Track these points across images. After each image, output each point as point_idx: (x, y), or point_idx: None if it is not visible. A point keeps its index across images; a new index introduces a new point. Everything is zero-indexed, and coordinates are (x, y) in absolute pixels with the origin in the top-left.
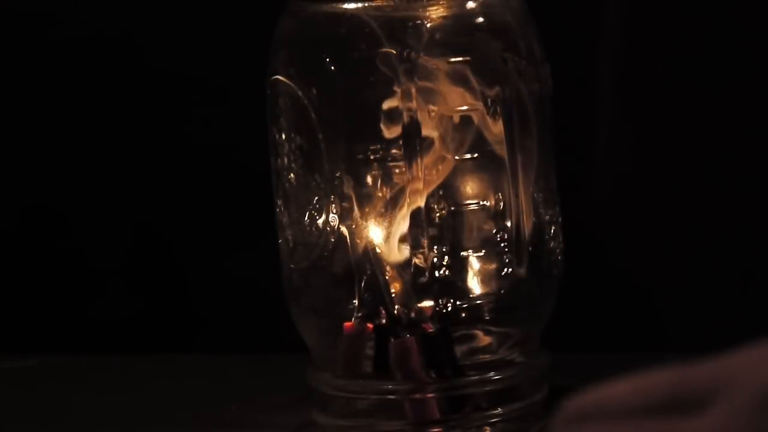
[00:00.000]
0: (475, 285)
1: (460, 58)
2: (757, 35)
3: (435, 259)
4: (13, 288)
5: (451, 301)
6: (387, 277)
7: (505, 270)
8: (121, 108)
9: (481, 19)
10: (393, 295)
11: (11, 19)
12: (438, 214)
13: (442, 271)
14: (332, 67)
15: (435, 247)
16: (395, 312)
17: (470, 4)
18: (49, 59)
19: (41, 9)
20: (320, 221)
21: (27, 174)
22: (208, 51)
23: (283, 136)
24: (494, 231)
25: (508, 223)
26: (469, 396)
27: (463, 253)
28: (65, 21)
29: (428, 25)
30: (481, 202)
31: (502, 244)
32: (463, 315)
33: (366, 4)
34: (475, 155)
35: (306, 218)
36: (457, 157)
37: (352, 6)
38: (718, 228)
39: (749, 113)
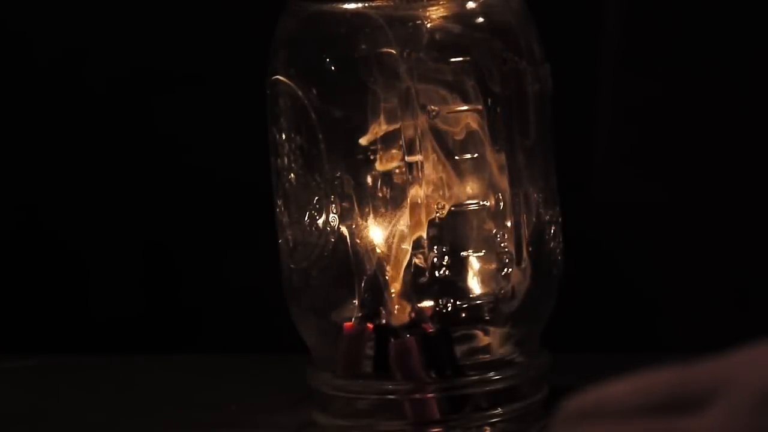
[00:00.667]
0: (475, 285)
1: (460, 58)
2: (758, 35)
3: (435, 259)
4: (13, 288)
5: (451, 301)
6: (387, 277)
7: (505, 270)
8: (119, 108)
9: (481, 19)
10: (393, 295)
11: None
12: (438, 214)
13: (442, 271)
14: (332, 67)
15: (435, 247)
16: (395, 312)
17: (470, 4)
18: (47, 61)
19: (44, 12)
20: (320, 221)
21: (27, 174)
22: (208, 51)
23: (283, 136)
24: (494, 231)
25: (508, 223)
26: (469, 396)
27: (463, 253)
28: (63, 21)
29: (428, 25)
30: (481, 202)
31: (502, 244)
32: (463, 315)
33: (366, 4)
34: (475, 155)
35: (306, 218)
36: (457, 157)
37: (352, 6)
38: (718, 227)
39: (750, 114)
